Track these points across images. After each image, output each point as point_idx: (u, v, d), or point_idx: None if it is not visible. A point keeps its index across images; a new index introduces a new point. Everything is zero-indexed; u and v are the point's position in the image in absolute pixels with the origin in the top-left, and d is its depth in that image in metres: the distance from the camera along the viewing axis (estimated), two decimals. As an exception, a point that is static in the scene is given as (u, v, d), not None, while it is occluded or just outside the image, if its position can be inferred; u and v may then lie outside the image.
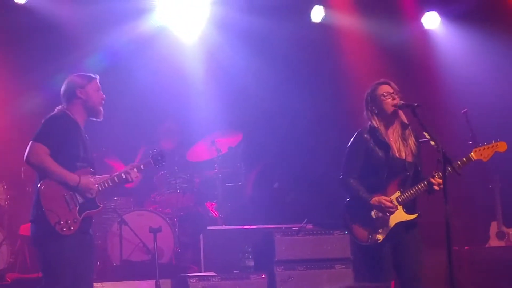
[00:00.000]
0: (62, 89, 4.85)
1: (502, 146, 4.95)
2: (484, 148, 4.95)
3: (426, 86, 8.35)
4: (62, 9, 7.40)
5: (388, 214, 4.79)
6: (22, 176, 7.30)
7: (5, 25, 7.52)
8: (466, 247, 7.05)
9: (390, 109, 4.88)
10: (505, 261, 6.76)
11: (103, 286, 6.02)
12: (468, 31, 8.36)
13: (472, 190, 7.99)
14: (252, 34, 8.02)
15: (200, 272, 6.47)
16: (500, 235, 7.46)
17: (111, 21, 7.57)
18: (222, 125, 7.86)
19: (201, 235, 6.64)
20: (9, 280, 6.34)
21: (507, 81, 8.19)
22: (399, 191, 4.87)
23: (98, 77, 4.90)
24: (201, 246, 6.62)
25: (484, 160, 4.94)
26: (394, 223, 4.83)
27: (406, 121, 4.95)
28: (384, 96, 4.89)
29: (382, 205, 4.78)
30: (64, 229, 4.56)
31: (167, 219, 6.97)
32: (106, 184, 4.80)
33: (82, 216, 4.65)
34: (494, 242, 7.47)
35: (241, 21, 7.95)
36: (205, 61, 8.10)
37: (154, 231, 5.95)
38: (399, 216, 4.84)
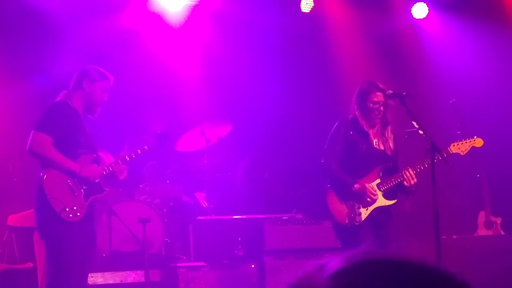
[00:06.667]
0: (75, 74, 4.87)
1: (479, 142, 5.24)
2: (462, 143, 5.20)
3: (415, 76, 8.37)
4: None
5: (369, 200, 4.95)
6: (10, 167, 7.26)
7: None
8: (454, 236, 7.09)
9: (373, 117, 5.04)
10: (493, 250, 6.80)
11: (92, 276, 6.01)
12: (456, 22, 8.37)
13: (460, 180, 8.03)
14: (242, 24, 8.00)
15: (190, 262, 6.47)
16: (488, 224, 7.50)
17: (99, 11, 7.53)
18: (211, 115, 7.84)
19: (190, 225, 6.64)
20: (-3, 271, 6.32)
21: (495, 71, 8.22)
22: (379, 179, 5.03)
23: (112, 79, 4.90)
24: (191, 236, 6.62)
25: (461, 154, 5.21)
26: (373, 207, 5.00)
27: (389, 121, 5.09)
28: (373, 104, 5.02)
29: (366, 191, 4.94)
30: (71, 215, 4.57)
31: (156, 209, 6.96)
32: (110, 167, 4.83)
33: (88, 202, 4.67)
34: (482, 231, 7.51)
35: (231, 11, 7.93)
36: (193, 51, 8.07)
37: (143, 221, 5.94)
38: (379, 201, 5.02)
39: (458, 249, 6.77)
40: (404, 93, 4.92)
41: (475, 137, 5.24)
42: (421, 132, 4.77)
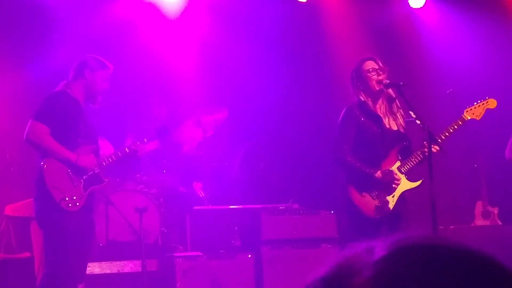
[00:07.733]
0: (74, 64, 4.86)
1: (492, 103, 5.03)
2: (475, 107, 5.02)
3: (412, 66, 8.34)
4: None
5: (394, 186, 4.80)
6: (7, 157, 7.24)
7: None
8: (451, 227, 7.10)
9: (375, 85, 4.89)
10: (490, 240, 6.80)
11: (89, 266, 6.00)
12: (454, 11, 8.35)
13: (457, 170, 8.03)
14: (238, 13, 7.96)
15: (187, 252, 6.47)
16: (485, 214, 7.51)
17: (94, 0, 7.49)
18: (207, 106, 7.82)
19: (187, 215, 6.63)
20: (-6, 261, 6.32)
21: (493, 61, 8.20)
22: (399, 161, 4.88)
23: (112, 67, 4.89)
24: (187, 226, 6.62)
25: (477, 118, 4.99)
26: (400, 192, 4.84)
27: (393, 95, 4.97)
28: (370, 72, 4.90)
29: (388, 177, 4.78)
30: (70, 205, 4.57)
31: (153, 199, 6.95)
32: (110, 159, 4.83)
33: (87, 192, 4.67)
34: (479, 221, 7.52)
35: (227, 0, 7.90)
36: (189, 40, 8.04)
37: (140, 211, 5.93)
38: (404, 185, 4.85)
39: (455, 239, 6.77)
40: (401, 83, 4.87)
41: (487, 98, 5.06)
42: (418, 122, 4.73)
